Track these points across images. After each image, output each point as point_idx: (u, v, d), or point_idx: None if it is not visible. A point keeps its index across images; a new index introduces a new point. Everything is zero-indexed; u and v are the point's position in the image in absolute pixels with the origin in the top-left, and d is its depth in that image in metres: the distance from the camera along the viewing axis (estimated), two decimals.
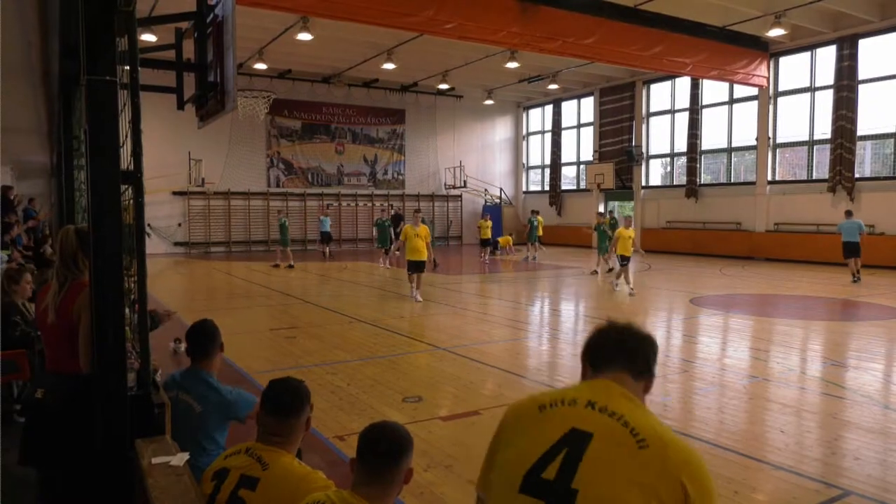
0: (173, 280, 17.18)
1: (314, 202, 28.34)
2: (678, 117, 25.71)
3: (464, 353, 7.91)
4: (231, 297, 13.95)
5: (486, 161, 32.83)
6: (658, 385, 6.60)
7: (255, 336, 8.94)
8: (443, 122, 31.23)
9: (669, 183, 26.58)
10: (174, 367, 7.26)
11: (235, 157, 26.57)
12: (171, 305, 11.61)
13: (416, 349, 8.29)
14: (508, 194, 32.84)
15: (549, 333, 9.61)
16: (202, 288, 15.52)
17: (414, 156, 30.93)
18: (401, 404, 5.87)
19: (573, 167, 31.54)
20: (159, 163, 23.02)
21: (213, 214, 26.43)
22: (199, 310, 11.62)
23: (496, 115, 32.80)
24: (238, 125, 25.35)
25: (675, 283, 15.39)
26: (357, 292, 14.20)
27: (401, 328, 9.66)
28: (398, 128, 30.44)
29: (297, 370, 7.06)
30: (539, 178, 33.54)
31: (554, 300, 13.39)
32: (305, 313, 11.35)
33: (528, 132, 33.71)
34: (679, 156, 26.02)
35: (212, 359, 3.29)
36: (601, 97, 28.37)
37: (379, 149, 30.10)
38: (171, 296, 13.30)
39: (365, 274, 17.70)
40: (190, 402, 3.13)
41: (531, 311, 12.01)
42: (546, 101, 31.69)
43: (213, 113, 4.01)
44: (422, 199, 30.95)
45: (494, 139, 33.15)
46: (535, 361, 7.78)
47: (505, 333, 9.40)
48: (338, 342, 8.68)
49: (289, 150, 28.03)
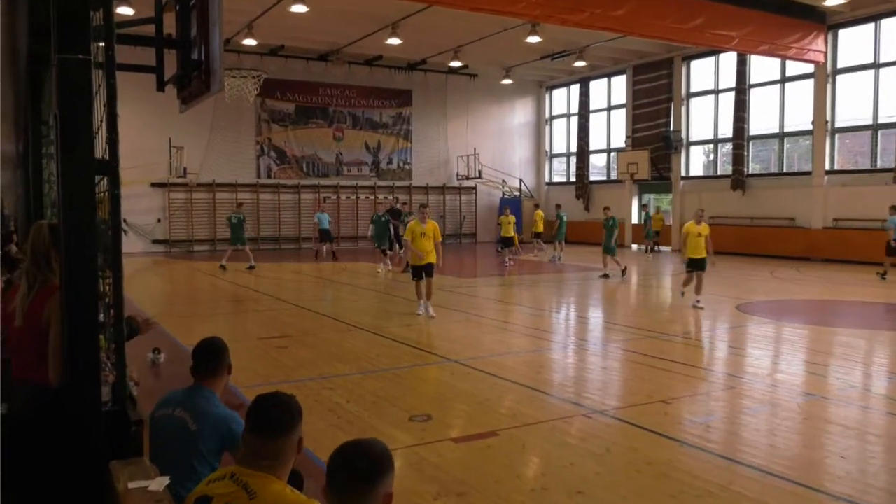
0: (152, 282, 17.30)
1: (309, 195, 28.44)
2: (723, 98, 25.55)
3: (478, 367, 7.89)
4: (216, 301, 14.01)
5: (504, 148, 32.80)
6: (701, 403, 6.57)
7: (242, 345, 8.98)
8: (455, 104, 31.24)
9: (712, 173, 26.42)
10: (153, 379, 7.32)
11: (221, 145, 26.73)
12: (149, 311, 11.69)
13: (425, 361, 8.29)
14: (529, 186, 32.80)
15: (576, 344, 9.58)
16: (184, 291, 15.61)
17: (422, 143, 30.96)
18: (407, 424, 5.87)
19: (602, 155, 31.41)
20: (137, 151, 23.18)
21: (196, 209, 26.59)
22: (181, 315, 11.69)
23: (515, 96, 32.75)
24: (224, 109, 25.49)
25: (720, 288, 15.29)
26: (357, 296, 14.22)
27: (407, 337, 9.65)
28: (404, 111, 30.48)
29: (289, 384, 7.08)
30: (564, 167, 33.44)
31: (581, 306, 13.34)
32: (299, 320, 11.36)
33: (551, 115, 33.61)
34: (724, 142, 25.86)
35: (217, 379, 3.33)
36: (634, 76, 28.26)
37: (382, 135, 30.17)
38: (149, 300, 13.39)
39: (366, 276, 17.74)
40: (185, 418, 3.15)
41: (555, 319, 11.97)
42: (572, 80, 31.61)
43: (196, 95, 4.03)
44: (431, 192, 30.98)
45: (513, 124, 33.10)
46: (560, 376, 7.76)
47: (525, 344, 9.38)
48: (335, 353, 8.69)
49: (281, 136, 28.16)
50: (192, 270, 20.01)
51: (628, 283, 16.88)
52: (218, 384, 3.33)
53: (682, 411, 6.33)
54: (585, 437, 5.59)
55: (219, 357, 3.35)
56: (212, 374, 3.31)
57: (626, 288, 16.22)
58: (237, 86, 21.62)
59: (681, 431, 5.71)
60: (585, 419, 6.04)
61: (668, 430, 5.70)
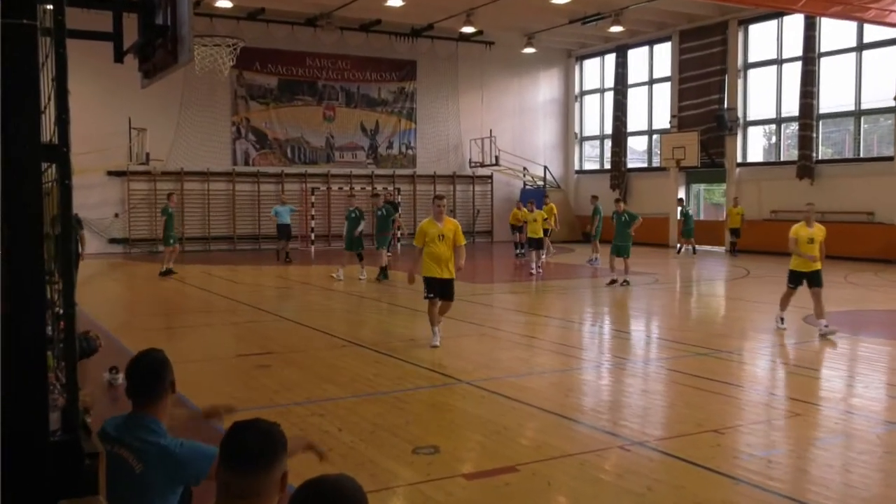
0: (109, 289, 17.40)
1: (295, 185, 28.55)
2: (787, 70, 25.45)
3: (495, 389, 7.89)
4: (184, 311, 14.05)
5: (526, 130, 32.78)
6: (760, 434, 6.54)
7: (216, 364, 9.00)
8: (467, 78, 31.27)
9: (774, 158, 26.32)
10: (110, 403, 7.35)
11: (191, 127, 26.89)
12: (105, 324, 11.76)
13: (432, 382, 8.30)
14: (555, 174, 32.79)
15: (611, 363, 9.56)
16: (146, 300, 15.68)
17: (428, 123, 31.01)
18: (410, 457, 5.87)
19: (643, 138, 31.34)
20: (91, 134, 23.32)
21: (162, 201, 26.66)
22: (143, 329, 11.75)
23: (539, 67, 32.74)
24: (194, 84, 25.62)
25: None
26: (352, 305, 14.25)
27: (412, 355, 9.66)
28: (407, 86, 30.55)
29: (272, 410, 7.09)
30: (597, 152, 33.40)
31: (618, 317, 13.34)
32: (283, 333, 11.38)
33: (581, 91, 33.57)
34: (788, 121, 25.76)
35: (159, 402, 3.31)
36: (681, 43, 28.20)
37: (382, 114, 30.24)
38: (105, 311, 13.46)
39: (360, 282, 17.75)
40: (128, 457, 3.15)
41: (586, 333, 11.96)
42: (607, 48, 31.56)
43: (161, 67, 4.05)
44: (439, 181, 31.02)
45: (537, 101, 33.08)
46: (592, 401, 7.75)
47: (551, 362, 9.37)
48: (327, 373, 8.70)
49: (261, 115, 28.29)
50: (156, 275, 20.11)
51: (673, 291, 16.83)
52: (161, 408, 3.30)
53: (738, 443, 6.29)
54: (622, 474, 5.57)
55: (158, 375, 3.32)
56: (152, 398, 3.28)
57: (671, 296, 16.16)
58: (209, 56, 21.71)
59: (736, 467, 5.68)
60: (622, 452, 6.02)
61: (720, 466, 5.67)
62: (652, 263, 21.86)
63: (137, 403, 3.29)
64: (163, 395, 3.32)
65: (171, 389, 3.36)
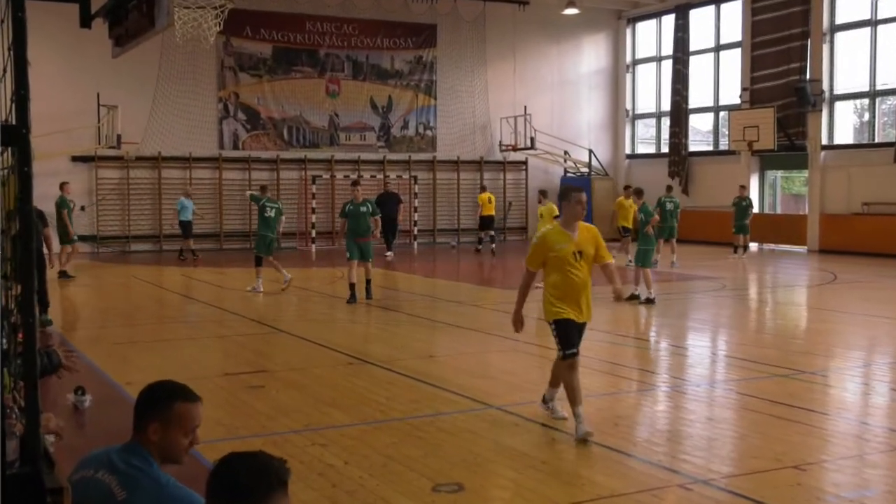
0: (73, 296, 17.54)
1: (293, 172, 28.64)
2: (884, 33, 25.17)
3: (530, 415, 7.86)
4: (163, 321, 14.11)
5: (567, 107, 32.67)
6: (851, 471, 6.48)
7: (199, 385, 8.95)
8: (497, 45, 31.23)
9: (867, 140, 26.04)
10: (76, 430, 7.42)
11: (170, 104, 27.04)
12: (70, 336, 11.86)
13: (455, 408, 8.28)
14: (602, 159, 32.65)
15: (670, 385, 9.51)
16: (117, 308, 15.78)
17: (451, 98, 31.00)
18: (430, 496, 5.86)
19: (707, 116, 31.09)
20: (53, 112, 23.55)
21: (136, 192, 26.95)
22: (112, 342, 11.83)
23: (583, 32, 32.62)
24: (174, 53, 25.79)
25: (878, 305, 15.05)
26: (359, 315, 14.26)
27: (430, 373, 9.65)
28: (426, 54, 30.55)
29: (266, 438, 7.11)
30: (653, 133, 33.20)
31: (678, 331, 13.27)
32: (279, 348, 11.38)
33: (634, 60, 33.38)
34: (885, 95, 25.47)
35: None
36: (755, 2, 27.98)
37: (396, 87, 30.28)
38: (70, 321, 13.58)
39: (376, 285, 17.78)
40: (110, 482, 3.20)
41: (641, 349, 11.90)
42: (664, 9, 31.40)
43: (135, 33, 4.09)
44: (463, 168, 30.99)
45: (580, 72, 32.96)
46: (647, 431, 7.70)
47: (597, 384, 9.33)
48: (330, 395, 8.72)
49: (253, 90, 28.42)
50: (129, 278, 20.23)
51: (744, 300, 16.71)
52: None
53: (824, 482, 6.25)
54: None
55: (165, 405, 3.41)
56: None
57: (741, 306, 16.04)
58: (192, 20, 21.81)
59: None
60: (683, 491, 5.99)
61: None
62: (718, 266, 21.72)
63: (137, 433, 3.35)
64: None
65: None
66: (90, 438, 7.01)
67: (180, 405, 3.43)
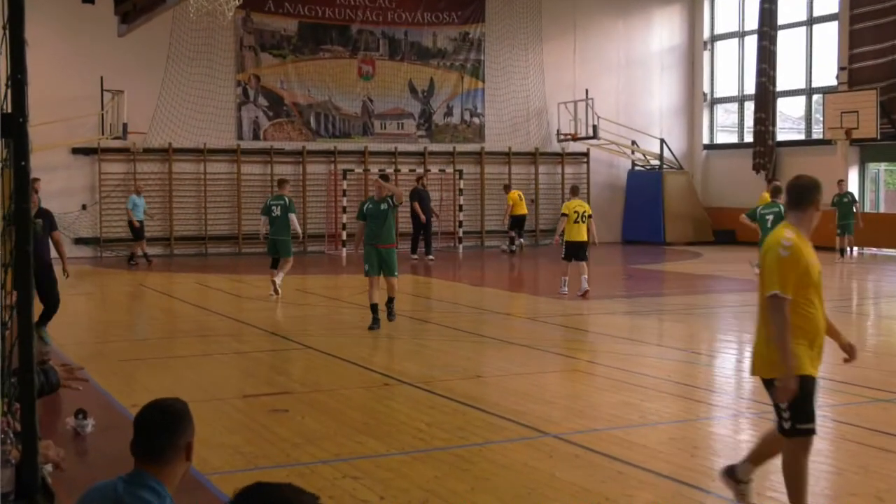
0: (74, 306, 17.72)
1: (320, 165, 28.78)
2: None
3: (592, 445, 7.83)
4: (174, 336, 14.23)
5: (635, 90, 32.53)
6: None
7: (214, 407, 9.10)
8: (555, 18, 31.16)
9: None
10: (77, 458, 7.51)
11: (182, 88, 27.34)
12: (70, 352, 12.00)
13: (506, 436, 8.26)
14: (676, 150, 32.39)
15: (753, 410, 9.37)
16: (123, 321, 15.95)
17: (502, 81, 30.97)
18: None
19: (799, 99, 30.74)
20: (52, 98, 23.83)
21: (144, 188, 27.12)
22: (118, 360, 11.94)
23: (653, 4, 32.50)
24: (187, 31, 26.04)
25: None
26: (395, 329, 14.23)
27: (477, 396, 9.64)
28: (472, 30, 30.54)
29: (291, 469, 7.13)
30: (734, 120, 32.88)
31: None
32: (304, 367, 11.43)
33: (713, 36, 33.11)
34: None
35: (170, 465, 3.40)
36: None
37: (438, 69, 30.32)
38: (70, 335, 13.71)
39: (403, 295, 17.81)
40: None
41: (719, 369, 11.78)
42: None
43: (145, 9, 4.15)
44: (515, 161, 30.93)
45: (650, 50, 32.78)
46: (727, 462, 7.62)
47: (670, 409, 9.28)
48: (363, 421, 8.74)
49: (276, 72, 28.61)
50: (137, 287, 20.43)
51: (842, 313, 16.48)
52: (171, 472, 3.39)
53: None
54: None
55: (173, 429, 3.42)
56: (160, 456, 3.37)
57: (838, 320, 15.82)
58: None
59: None
60: None
61: None
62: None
63: (140, 460, 3.37)
64: (174, 455, 3.41)
65: (186, 453, 3.45)
66: (92, 468, 7.09)
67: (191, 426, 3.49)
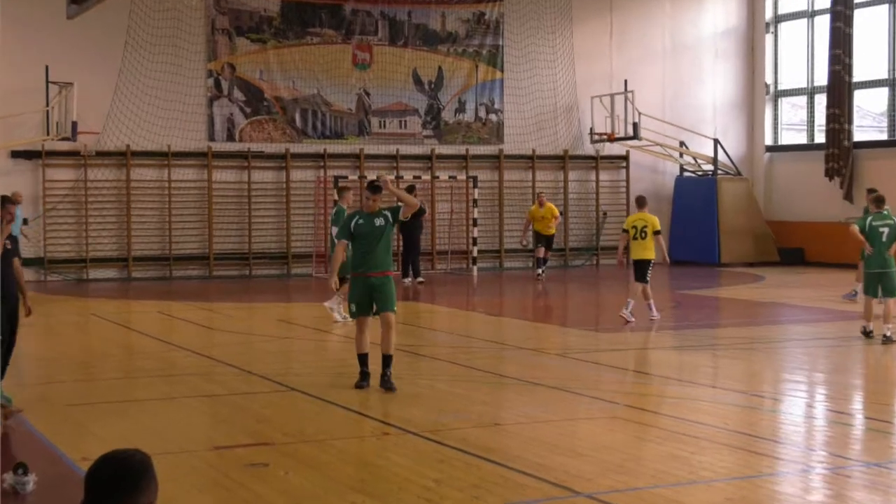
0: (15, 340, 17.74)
1: (307, 170, 28.83)
2: None
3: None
4: (132, 375, 14.20)
5: (684, 82, 32.65)
6: None
7: (182, 462, 9.06)
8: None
9: None
10: None
11: (142, 81, 27.42)
12: (14, 395, 11.97)
13: (528, 495, 8.23)
14: (733, 153, 32.36)
15: (828, 465, 9.37)
16: (73, 357, 15.90)
17: (524, 71, 31.07)
18: None
19: (881, 92, 30.74)
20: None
21: (96, 199, 27.33)
22: (65, 404, 11.92)
23: None
24: (148, 12, 26.23)
25: None
26: (399, 370, 14.16)
27: (495, 447, 9.65)
28: (489, 10, 30.64)
29: None
30: (803, 116, 32.90)
31: (839, 391, 13.16)
32: (287, 412, 11.41)
33: (777, 16, 33.18)
34: None
35: None
36: None
37: (448, 56, 30.43)
38: (7, 373, 13.68)
39: (405, 327, 17.75)
40: None
41: (786, 417, 11.77)
42: None
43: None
44: (540, 167, 30.93)
45: (701, 34, 32.90)
46: None
47: (727, 463, 9.26)
48: (357, 477, 8.75)
49: (254, 60, 28.72)
50: (88, 316, 20.46)
51: None
52: None
53: None
54: None
55: (132, 487, 3.45)
56: None
57: None
58: None
59: None
60: None
61: None
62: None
63: None
64: None
65: None
66: None
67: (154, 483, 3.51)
